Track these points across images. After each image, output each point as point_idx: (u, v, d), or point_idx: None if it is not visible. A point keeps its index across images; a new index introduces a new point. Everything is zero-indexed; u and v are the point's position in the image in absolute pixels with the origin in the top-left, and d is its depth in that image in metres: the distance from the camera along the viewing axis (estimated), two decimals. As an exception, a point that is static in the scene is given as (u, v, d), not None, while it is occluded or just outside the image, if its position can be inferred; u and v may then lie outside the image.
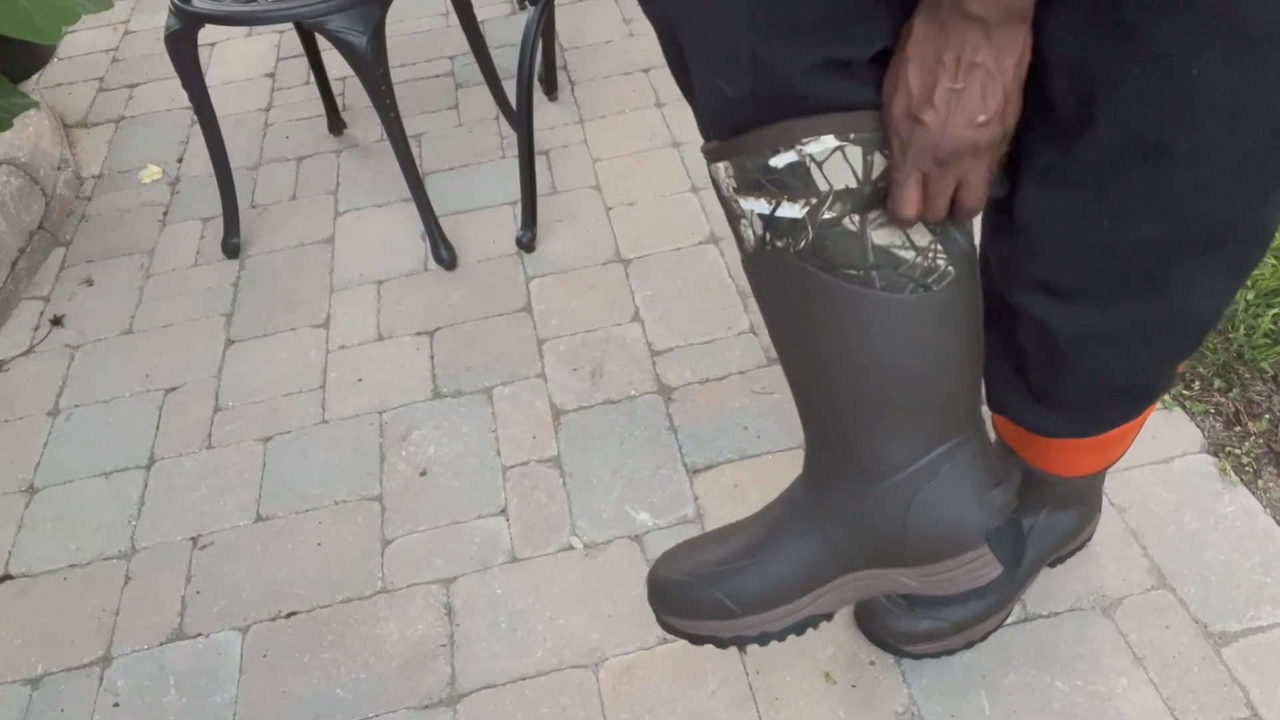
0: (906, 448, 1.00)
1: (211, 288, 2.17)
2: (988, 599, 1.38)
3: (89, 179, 2.53)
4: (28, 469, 1.83)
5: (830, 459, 1.05)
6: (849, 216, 0.88)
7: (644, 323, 1.96)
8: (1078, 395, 1.11)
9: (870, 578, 1.09)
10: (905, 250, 0.90)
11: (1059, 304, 1.00)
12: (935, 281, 0.91)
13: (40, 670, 1.54)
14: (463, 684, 1.46)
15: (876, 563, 1.08)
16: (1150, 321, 1.00)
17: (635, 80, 2.61)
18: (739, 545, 1.13)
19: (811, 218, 0.89)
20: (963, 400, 1.00)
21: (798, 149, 0.86)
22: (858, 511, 1.05)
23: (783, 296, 0.97)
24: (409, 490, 1.72)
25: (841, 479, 1.05)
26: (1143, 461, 1.61)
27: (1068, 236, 0.94)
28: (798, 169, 0.87)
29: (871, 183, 0.87)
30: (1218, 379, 1.70)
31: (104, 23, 3.18)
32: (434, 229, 2.12)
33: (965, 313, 0.95)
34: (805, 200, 0.88)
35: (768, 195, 0.90)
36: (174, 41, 1.96)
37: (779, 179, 0.88)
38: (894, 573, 1.08)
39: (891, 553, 1.06)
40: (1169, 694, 1.35)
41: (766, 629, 1.12)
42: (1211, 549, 1.49)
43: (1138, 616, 1.43)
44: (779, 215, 0.90)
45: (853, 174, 0.87)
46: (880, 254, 0.89)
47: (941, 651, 1.40)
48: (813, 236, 0.90)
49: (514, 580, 1.57)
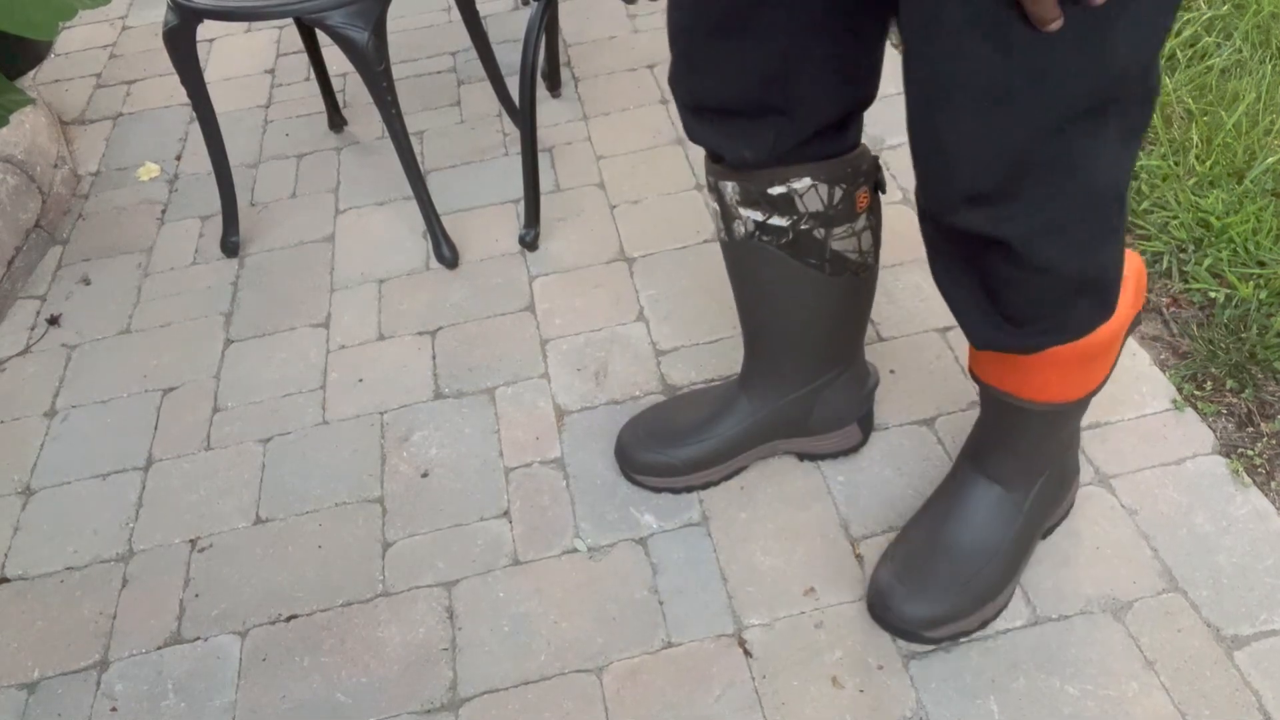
0: (815, 370, 1.58)
1: (210, 287, 2.18)
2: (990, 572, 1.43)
3: (86, 177, 2.54)
4: (24, 470, 1.84)
5: (763, 373, 1.60)
6: (817, 229, 1.37)
7: (648, 322, 1.96)
8: (1046, 296, 1.18)
9: (780, 442, 1.67)
10: (854, 254, 1.42)
11: (993, 211, 1.10)
12: (865, 270, 1.45)
13: (37, 675, 1.55)
14: (465, 689, 1.46)
15: (785, 434, 1.66)
16: (1074, 202, 1.09)
17: (640, 77, 2.61)
18: (687, 424, 1.65)
19: (794, 227, 1.37)
20: (856, 341, 1.58)
21: (788, 185, 1.33)
22: (778, 405, 1.62)
23: (756, 270, 1.44)
24: (410, 492, 1.72)
25: (770, 386, 1.60)
26: (1154, 463, 1.61)
27: (975, 143, 1.05)
28: (787, 197, 1.34)
29: (834, 207, 1.35)
30: (1230, 379, 1.71)
31: (101, 18, 3.19)
32: (436, 227, 2.12)
33: (869, 289, 1.51)
34: (789, 216, 1.36)
35: (763, 210, 1.36)
36: (172, 37, 1.96)
37: (773, 201, 1.35)
38: (798, 441, 1.67)
39: (798, 428, 1.65)
40: (1180, 699, 1.35)
41: (709, 479, 1.66)
42: (1223, 551, 1.50)
43: (1149, 620, 1.43)
44: (770, 223, 1.37)
45: (821, 202, 1.34)
46: (834, 255, 1.41)
47: (959, 633, 1.42)
48: (791, 238, 1.38)
49: (517, 583, 1.58)
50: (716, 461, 1.65)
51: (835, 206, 1.35)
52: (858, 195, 1.36)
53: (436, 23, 2.96)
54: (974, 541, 1.44)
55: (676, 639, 1.48)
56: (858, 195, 1.36)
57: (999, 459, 1.43)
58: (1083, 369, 1.30)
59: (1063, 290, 1.17)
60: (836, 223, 1.37)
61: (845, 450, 1.68)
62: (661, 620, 1.51)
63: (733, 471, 1.67)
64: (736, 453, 1.65)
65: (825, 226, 1.36)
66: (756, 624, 1.49)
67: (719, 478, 1.67)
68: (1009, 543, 1.44)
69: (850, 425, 1.66)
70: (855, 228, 1.39)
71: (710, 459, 1.64)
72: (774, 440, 1.66)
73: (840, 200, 1.35)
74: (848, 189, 1.34)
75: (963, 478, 1.47)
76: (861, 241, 1.41)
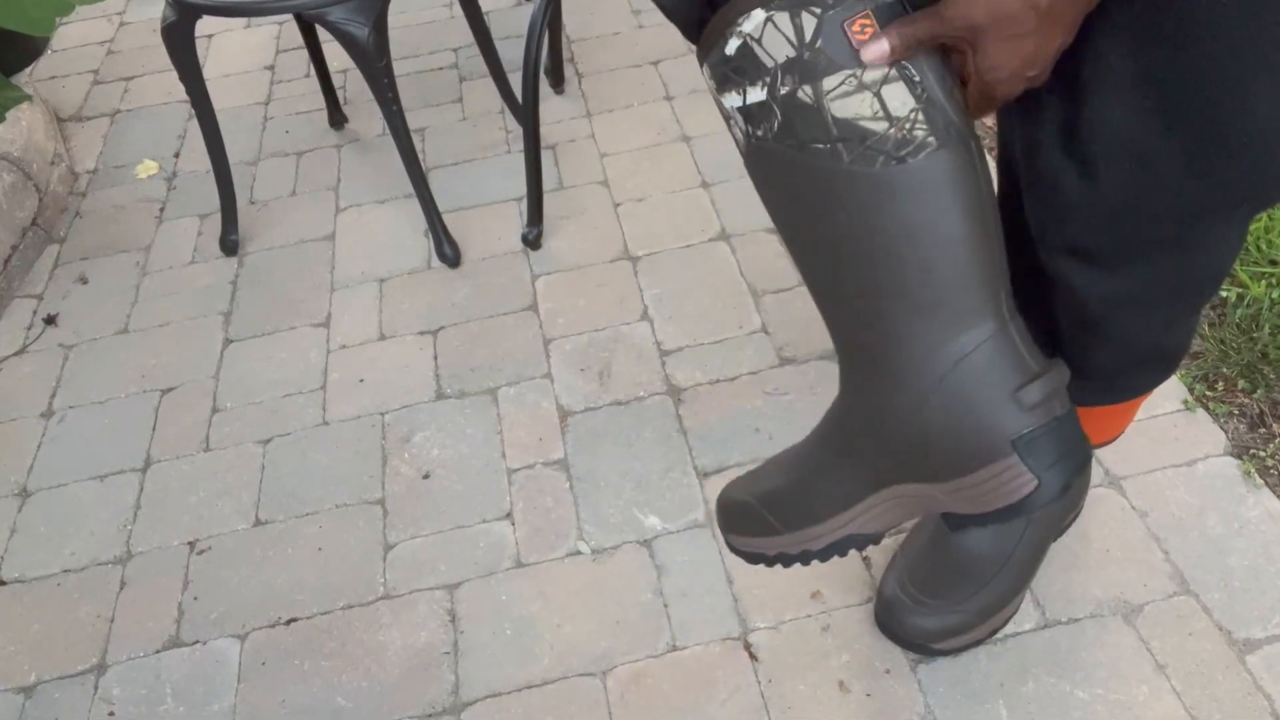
0: (915, 342, 0.96)
1: (209, 286, 2.18)
2: (999, 582, 1.40)
3: (83, 174, 2.54)
4: (20, 472, 1.84)
5: (848, 362, 1.03)
6: (801, 89, 0.89)
7: (653, 322, 1.96)
8: (1110, 362, 1.13)
9: (908, 495, 1.05)
10: (875, 122, 0.89)
11: (1092, 271, 1.02)
12: (911, 154, 0.89)
13: (33, 678, 1.55)
14: (467, 693, 1.47)
15: (906, 476, 1.03)
16: (1177, 279, 1.02)
17: (644, 73, 2.62)
18: (786, 463, 1.13)
19: (773, 96, 0.91)
20: (972, 287, 0.94)
21: (738, 31, 0.89)
22: (878, 418, 1.00)
23: (772, 188, 0.98)
24: (412, 494, 1.72)
25: (862, 383, 1.01)
26: (1165, 464, 1.61)
27: (1101, 201, 0.96)
28: (745, 50, 0.90)
29: (808, 47, 0.88)
30: (1242, 379, 1.71)
31: (99, 14, 3.19)
32: (437, 225, 2.13)
33: (956, 188, 0.91)
34: (761, 81, 0.90)
35: (736, 87, 0.93)
36: (171, 33, 1.96)
37: (737, 66, 0.91)
38: (927, 488, 1.02)
39: (917, 465, 1.01)
40: (1191, 703, 1.35)
41: (807, 547, 1.12)
42: (1235, 554, 1.50)
43: (1160, 623, 1.43)
44: (749, 103, 0.93)
45: (787, 42, 0.88)
46: (844, 126, 0.89)
47: (969, 644, 1.42)
48: (780, 116, 0.91)
49: (520, 586, 1.58)
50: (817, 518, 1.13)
51: (811, 45, 0.88)
52: (848, 24, 0.88)
53: (438, 18, 2.97)
54: (982, 551, 1.42)
55: (682, 642, 1.49)
56: (848, 24, 0.88)
57: None
58: (1122, 417, 1.28)
59: (1130, 358, 1.13)
60: (824, 70, 0.88)
61: (1006, 508, 1.00)
62: (666, 623, 1.51)
63: (843, 539, 1.13)
64: (846, 502, 1.10)
65: (810, 80, 0.89)
66: (763, 627, 1.49)
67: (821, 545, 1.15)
68: (1018, 551, 1.43)
69: (1006, 455, 0.97)
70: (864, 78, 0.88)
71: (809, 512, 1.13)
72: (892, 486, 1.07)
73: (817, 34, 0.88)
74: (824, 13, 0.88)
75: None
76: (887, 101, 0.89)
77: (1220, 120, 0.87)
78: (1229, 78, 0.84)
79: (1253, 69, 0.84)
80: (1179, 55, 0.84)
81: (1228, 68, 0.84)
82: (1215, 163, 0.90)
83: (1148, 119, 0.89)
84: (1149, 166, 0.92)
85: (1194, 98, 0.86)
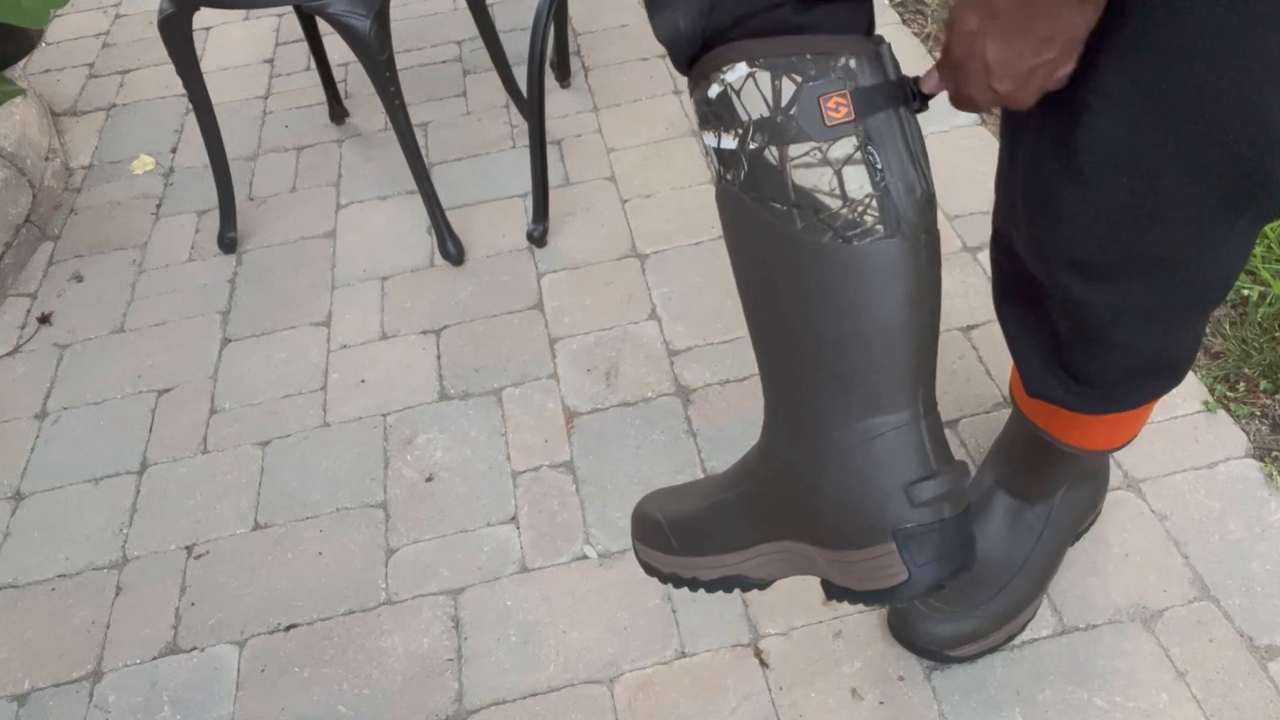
0: (829, 410, 0.98)
1: (207, 284, 2.19)
2: (1015, 587, 1.41)
3: (78, 170, 2.55)
4: (14, 474, 1.85)
5: (769, 410, 1.06)
6: (768, 149, 0.92)
7: (661, 321, 1.96)
8: (1116, 372, 1.14)
9: (795, 552, 1.07)
10: (830, 197, 0.92)
11: (1093, 282, 1.04)
12: (858, 236, 0.92)
13: (27, 686, 1.56)
14: (471, 700, 1.47)
15: (797, 535, 1.05)
16: (1179, 291, 1.04)
17: (652, 66, 2.62)
18: (700, 491, 1.17)
19: (743, 148, 0.94)
20: (894, 374, 0.97)
21: (720, 78, 0.93)
22: (784, 472, 1.04)
23: (731, 230, 1.01)
24: (414, 497, 1.73)
25: (776, 434, 1.05)
26: (1185, 467, 1.61)
27: (1099, 213, 0.98)
28: (725, 99, 0.93)
29: (782, 111, 0.91)
30: (1264, 380, 1.71)
31: (94, 6, 3.20)
32: (440, 222, 2.13)
33: (896, 277, 0.94)
34: (735, 131, 0.94)
35: (713, 128, 0.96)
36: (168, 25, 1.97)
37: (716, 110, 0.95)
38: (813, 551, 1.04)
39: (805, 527, 1.03)
40: (1212, 710, 1.35)
41: (697, 575, 1.16)
42: (1257, 558, 1.50)
43: (1179, 629, 1.43)
44: (722, 147, 0.96)
45: (764, 102, 0.91)
46: (801, 194, 0.92)
47: (985, 650, 1.42)
48: (747, 168, 0.95)
49: (525, 591, 1.58)
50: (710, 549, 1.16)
51: (785, 111, 0.91)
52: (824, 100, 0.91)
53: (441, 10, 2.97)
54: (997, 555, 1.43)
55: (690, 649, 1.49)
56: (824, 100, 0.91)
57: (1024, 477, 1.43)
58: (1135, 422, 1.29)
59: (1133, 368, 1.14)
60: (793, 137, 0.92)
61: (874, 591, 1.01)
62: (675, 629, 1.51)
63: (730, 577, 1.16)
64: (738, 543, 1.13)
65: (777, 143, 0.92)
66: (773, 633, 1.49)
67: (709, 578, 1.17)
68: (1035, 555, 1.44)
69: (883, 541, 0.98)
70: (828, 153, 0.91)
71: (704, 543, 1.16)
72: (781, 540, 1.08)
73: (793, 101, 0.91)
74: (803, 84, 0.91)
75: (985, 489, 1.46)
76: (846, 181, 0.92)
77: (1219, 131, 0.89)
78: (1229, 88, 0.86)
79: (1255, 79, 0.86)
80: (1176, 67, 0.87)
81: (1228, 78, 0.86)
82: (1214, 173, 0.92)
83: (1144, 130, 0.91)
84: (1146, 178, 0.94)
85: (1192, 109, 0.88)
